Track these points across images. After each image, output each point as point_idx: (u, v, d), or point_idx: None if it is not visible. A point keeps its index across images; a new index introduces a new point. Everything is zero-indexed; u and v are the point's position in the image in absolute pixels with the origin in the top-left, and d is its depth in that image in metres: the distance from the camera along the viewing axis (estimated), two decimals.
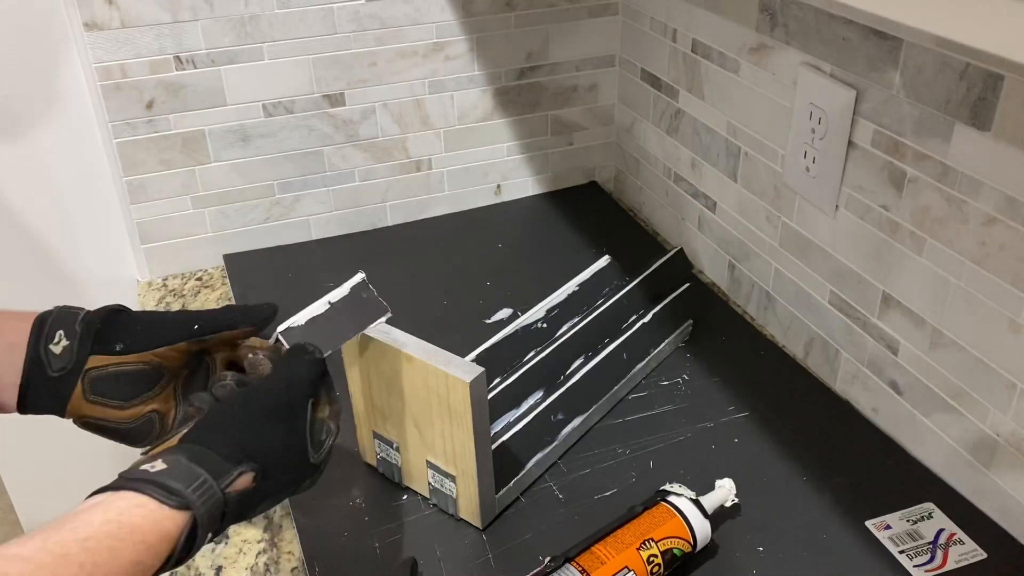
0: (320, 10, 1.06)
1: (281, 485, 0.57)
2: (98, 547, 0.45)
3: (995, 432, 0.73)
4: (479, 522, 0.75)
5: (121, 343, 0.63)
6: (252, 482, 0.54)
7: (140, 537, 0.47)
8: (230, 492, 0.53)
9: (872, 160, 0.80)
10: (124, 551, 0.46)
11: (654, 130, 1.18)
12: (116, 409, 0.64)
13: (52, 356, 0.62)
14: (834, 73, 0.82)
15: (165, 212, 1.11)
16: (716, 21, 0.98)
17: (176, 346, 0.64)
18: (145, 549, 0.47)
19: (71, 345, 0.62)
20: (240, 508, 0.55)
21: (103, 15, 0.98)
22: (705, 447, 0.83)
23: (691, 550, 0.69)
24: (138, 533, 0.47)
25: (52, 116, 1.05)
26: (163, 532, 0.49)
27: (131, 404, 0.64)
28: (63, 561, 0.44)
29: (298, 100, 1.10)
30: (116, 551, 0.46)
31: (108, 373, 0.63)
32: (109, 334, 0.63)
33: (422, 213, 1.24)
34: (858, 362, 0.87)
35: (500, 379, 0.83)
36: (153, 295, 1.11)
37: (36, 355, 0.62)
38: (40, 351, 0.62)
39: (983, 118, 0.67)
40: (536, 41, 1.18)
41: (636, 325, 0.92)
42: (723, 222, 1.06)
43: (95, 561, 0.45)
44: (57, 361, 0.62)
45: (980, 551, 0.72)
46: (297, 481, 0.59)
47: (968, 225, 0.71)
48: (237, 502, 0.54)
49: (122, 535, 0.47)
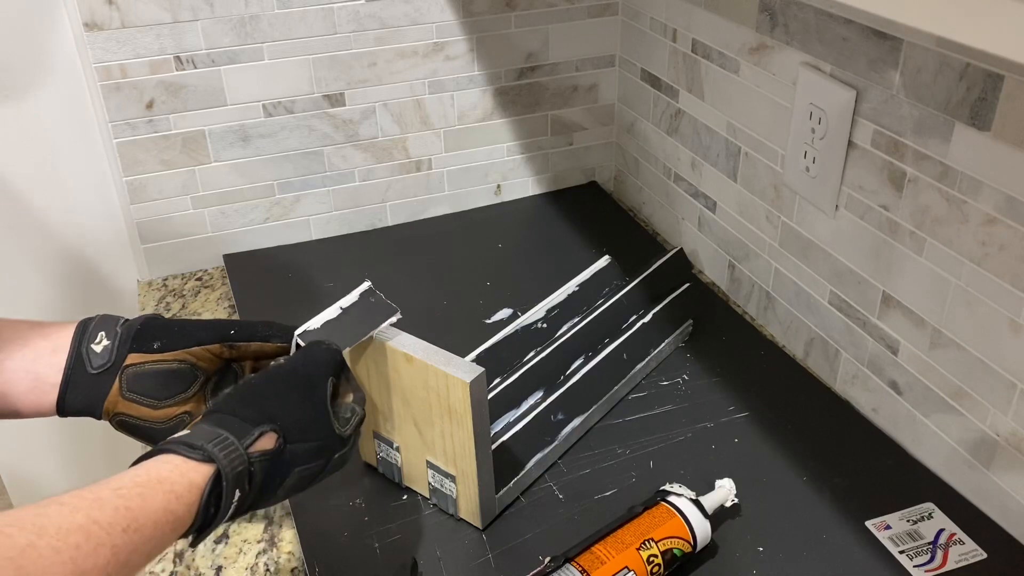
0: (320, 10, 1.06)
1: (309, 453, 0.59)
2: (129, 494, 0.48)
3: (995, 432, 0.73)
4: (479, 522, 0.75)
5: (159, 341, 0.66)
6: (275, 443, 0.57)
7: (168, 487, 0.51)
8: (253, 451, 0.55)
9: (872, 160, 0.80)
10: (154, 498, 0.49)
11: (654, 130, 1.18)
12: (150, 408, 0.66)
13: (93, 354, 0.65)
14: (834, 73, 0.82)
15: (165, 212, 1.11)
16: (716, 21, 0.98)
17: (211, 348, 0.67)
18: (175, 498, 0.50)
19: (111, 344, 0.65)
20: (268, 470, 0.57)
21: (103, 15, 0.98)
22: (705, 447, 0.83)
23: (691, 550, 0.69)
24: (166, 483, 0.51)
25: (52, 116, 1.06)
26: (190, 482, 0.52)
27: (165, 404, 0.66)
28: (97, 504, 0.46)
29: (298, 100, 1.10)
30: (146, 497, 0.49)
31: (145, 371, 0.66)
32: (147, 334, 0.66)
33: (422, 213, 1.24)
34: (858, 362, 0.87)
35: (500, 379, 0.83)
36: (153, 295, 1.11)
37: (78, 354, 0.65)
38: (82, 350, 0.65)
39: (983, 118, 0.67)
40: (536, 41, 1.18)
41: (636, 325, 0.92)
42: (723, 222, 1.06)
43: (128, 505, 0.48)
44: (97, 359, 0.65)
45: (980, 551, 0.72)
46: (324, 451, 0.60)
47: (968, 225, 0.71)
48: (262, 463, 0.56)
49: (151, 484, 0.50)
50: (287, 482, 0.58)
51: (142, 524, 0.48)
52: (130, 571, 0.47)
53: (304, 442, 0.59)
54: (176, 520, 0.51)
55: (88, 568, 0.44)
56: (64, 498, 0.46)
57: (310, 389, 0.61)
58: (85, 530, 0.45)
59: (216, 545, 0.76)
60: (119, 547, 0.46)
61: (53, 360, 0.65)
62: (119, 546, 0.46)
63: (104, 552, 0.45)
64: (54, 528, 0.44)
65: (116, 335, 0.66)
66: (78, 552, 0.44)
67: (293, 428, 0.58)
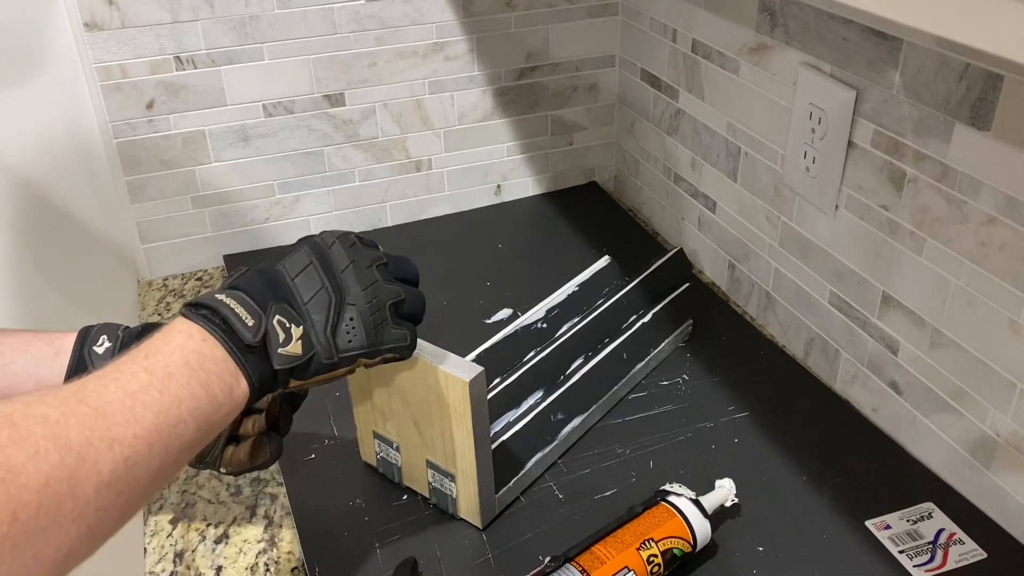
0: (320, 10, 1.06)
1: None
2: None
3: (995, 432, 0.73)
4: (479, 522, 0.75)
5: None
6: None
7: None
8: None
9: (872, 160, 0.80)
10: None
11: (654, 130, 1.18)
12: None
13: (95, 355, 0.65)
14: (834, 73, 0.82)
15: (165, 212, 1.11)
16: (716, 21, 0.98)
17: None
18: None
19: (113, 346, 0.65)
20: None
21: (103, 15, 0.98)
22: (705, 447, 0.83)
23: (691, 550, 0.69)
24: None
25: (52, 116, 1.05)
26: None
27: None
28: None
29: (298, 100, 1.10)
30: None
31: None
32: (148, 335, 0.66)
33: (422, 213, 1.24)
34: (858, 362, 0.87)
35: (500, 379, 0.83)
36: (153, 295, 1.11)
37: (80, 357, 0.65)
38: (84, 352, 0.65)
39: (983, 118, 0.67)
40: (536, 41, 1.18)
41: (636, 325, 0.92)
42: (723, 222, 1.06)
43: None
44: (99, 360, 0.65)
45: (980, 551, 0.72)
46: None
47: (968, 225, 0.71)
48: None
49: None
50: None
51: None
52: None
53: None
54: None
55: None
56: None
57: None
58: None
59: (216, 545, 0.76)
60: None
61: (56, 363, 0.65)
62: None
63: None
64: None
65: (118, 338, 0.66)
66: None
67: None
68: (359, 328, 0.60)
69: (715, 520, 0.72)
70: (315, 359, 0.58)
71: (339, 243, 0.61)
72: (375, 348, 0.61)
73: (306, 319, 0.58)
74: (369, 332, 0.60)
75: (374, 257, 0.62)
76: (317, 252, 0.61)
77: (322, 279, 0.59)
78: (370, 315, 0.60)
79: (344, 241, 0.62)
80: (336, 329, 0.59)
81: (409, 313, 0.63)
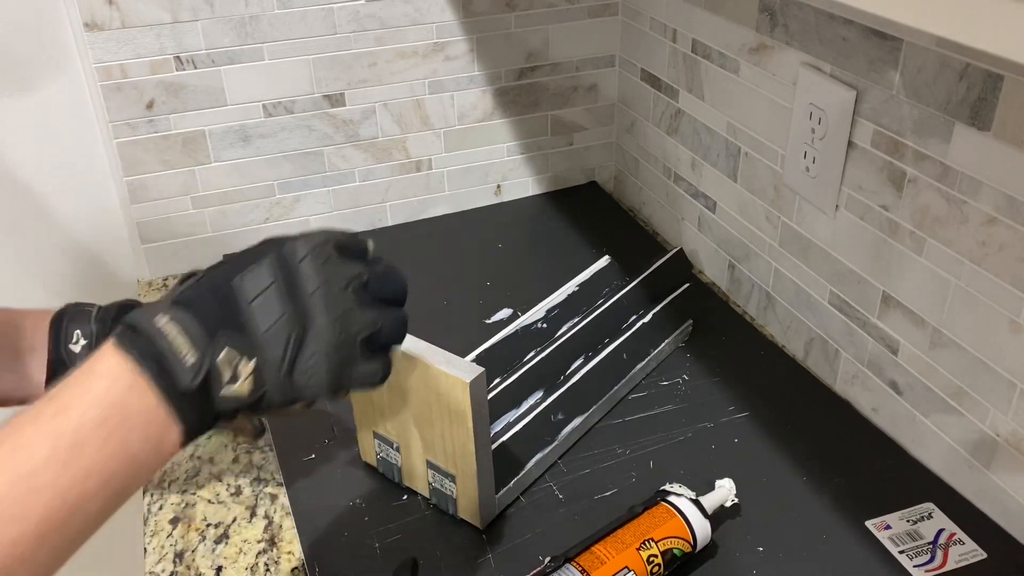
0: (320, 10, 1.06)
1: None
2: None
3: (995, 432, 0.73)
4: (479, 522, 0.75)
5: None
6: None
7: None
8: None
9: (872, 160, 0.80)
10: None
11: (654, 130, 1.18)
12: None
13: (73, 356, 0.63)
14: (834, 73, 0.82)
15: (165, 212, 1.11)
16: (716, 21, 0.98)
17: None
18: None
19: (88, 344, 0.64)
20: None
21: (103, 15, 0.98)
22: (705, 447, 0.83)
23: (691, 550, 0.69)
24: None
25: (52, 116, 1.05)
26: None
27: None
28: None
29: (298, 100, 1.10)
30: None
31: None
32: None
33: (422, 213, 1.24)
34: (858, 362, 0.87)
35: (500, 379, 0.83)
36: (153, 295, 1.11)
37: (58, 356, 0.63)
38: (61, 352, 0.63)
39: (983, 118, 0.67)
40: (536, 41, 1.18)
41: (636, 325, 0.92)
42: (723, 222, 1.06)
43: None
44: (79, 360, 0.63)
45: (980, 551, 0.72)
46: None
47: (968, 225, 0.71)
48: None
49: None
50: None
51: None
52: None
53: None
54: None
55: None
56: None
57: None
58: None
59: (216, 545, 0.76)
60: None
61: (36, 360, 0.63)
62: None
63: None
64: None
65: (92, 333, 0.63)
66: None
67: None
68: (320, 366, 0.52)
69: (715, 520, 0.72)
70: (265, 398, 0.51)
71: (311, 258, 0.52)
72: (338, 387, 0.54)
73: (260, 351, 0.50)
74: (333, 371, 0.52)
75: (351, 276, 0.53)
76: (283, 268, 0.52)
77: (284, 305, 0.51)
78: (335, 353, 0.52)
79: (317, 256, 0.53)
80: (294, 366, 0.51)
81: (386, 344, 0.56)
